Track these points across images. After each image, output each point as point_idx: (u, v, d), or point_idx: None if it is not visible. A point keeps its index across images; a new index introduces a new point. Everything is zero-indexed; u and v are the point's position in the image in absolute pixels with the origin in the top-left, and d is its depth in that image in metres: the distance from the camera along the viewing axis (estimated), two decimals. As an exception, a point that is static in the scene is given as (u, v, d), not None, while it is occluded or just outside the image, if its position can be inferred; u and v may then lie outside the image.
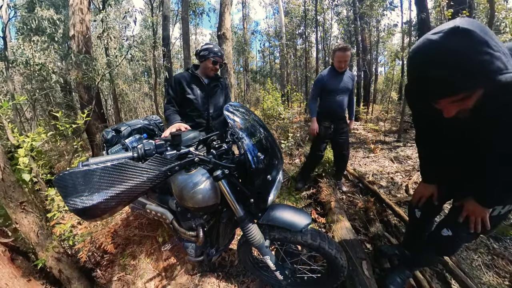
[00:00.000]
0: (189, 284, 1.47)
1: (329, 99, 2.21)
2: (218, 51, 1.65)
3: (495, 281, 1.39)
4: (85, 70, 3.68)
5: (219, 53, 1.65)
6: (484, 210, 0.90)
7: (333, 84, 2.17)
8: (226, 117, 1.01)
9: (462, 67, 0.55)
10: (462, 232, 1.01)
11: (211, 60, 1.62)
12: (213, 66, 1.65)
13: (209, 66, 1.65)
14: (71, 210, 0.61)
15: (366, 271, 1.29)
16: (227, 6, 3.50)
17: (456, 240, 1.05)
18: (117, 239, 1.79)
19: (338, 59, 2.07)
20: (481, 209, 0.91)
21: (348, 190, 2.55)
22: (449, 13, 3.82)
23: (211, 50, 1.62)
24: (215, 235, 1.26)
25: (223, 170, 0.95)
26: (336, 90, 2.18)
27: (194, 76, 1.69)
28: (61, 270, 1.11)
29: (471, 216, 0.93)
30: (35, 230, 1.00)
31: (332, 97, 2.19)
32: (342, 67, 2.11)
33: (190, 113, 1.71)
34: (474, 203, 0.92)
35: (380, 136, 4.90)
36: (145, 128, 1.61)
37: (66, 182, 0.60)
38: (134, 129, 1.53)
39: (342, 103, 2.22)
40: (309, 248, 1.09)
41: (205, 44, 1.67)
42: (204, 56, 1.63)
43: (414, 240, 1.37)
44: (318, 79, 2.25)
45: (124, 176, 0.67)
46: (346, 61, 2.07)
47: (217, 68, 1.70)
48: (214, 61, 1.63)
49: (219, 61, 1.66)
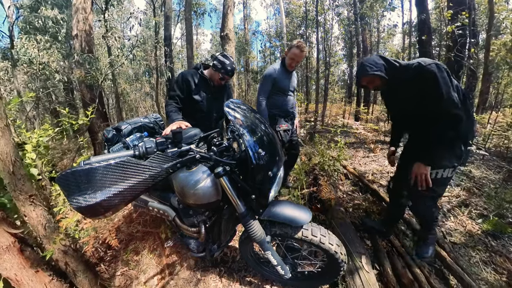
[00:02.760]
0: (192, 279, 1.49)
1: (281, 98, 2.03)
2: (231, 70, 1.62)
3: (493, 277, 1.41)
4: (88, 69, 3.72)
5: (230, 72, 1.62)
6: (425, 168, 1.23)
7: (284, 82, 2.00)
8: (227, 113, 1.01)
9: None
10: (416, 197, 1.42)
11: (219, 75, 1.62)
12: (219, 80, 1.65)
13: (216, 78, 1.65)
14: (74, 209, 0.61)
15: (366, 266, 1.31)
16: (230, 8, 3.53)
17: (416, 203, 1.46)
18: (121, 235, 1.81)
19: (292, 56, 1.90)
20: (423, 167, 1.23)
21: (348, 188, 2.57)
22: (449, 14, 3.85)
23: (224, 66, 1.59)
24: (217, 231, 1.27)
25: (224, 167, 0.96)
26: (287, 89, 2.03)
27: (202, 77, 1.68)
28: (67, 262, 1.13)
29: (417, 176, 1.25)
30: (43, 223, 1.02)
31: (284, 96, 2.04)
32: (293, 66, 1.98)
33: (193, 113, 1.70)
34: (418, 163, 1.25)
35: (380, 136, 4.92)
36: (145, 126, 1.59)
37: (69, 181, 0.60)
38: (134, 128, 1.52)
39: (293, 102, 2.11)
40: (310, 244, 1.11)
41: (223, 56, 1.61)
42: (216, 67, 1.60)
43: (393, 205, 1.73)
44: (269, 72, 1.97)
45: (126, 174, 0.67)
46: (298, 61, 1.95)
47: (222, 83, 1.70)
48: (221, 78, 1.63)
49: (226, 79, 1.66)
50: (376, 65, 1.28)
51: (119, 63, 4.34)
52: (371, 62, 1.29)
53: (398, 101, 1.44)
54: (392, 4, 9.82)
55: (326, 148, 3.34)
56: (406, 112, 1.40)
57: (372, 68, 1.27)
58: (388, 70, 1.28)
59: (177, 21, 12.08)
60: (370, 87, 1.42)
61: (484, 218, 1.89)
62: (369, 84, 1.39)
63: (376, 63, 1.28)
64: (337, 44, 11.25)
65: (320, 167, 2.78)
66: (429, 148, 1.22)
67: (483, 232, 1.77)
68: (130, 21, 7.07)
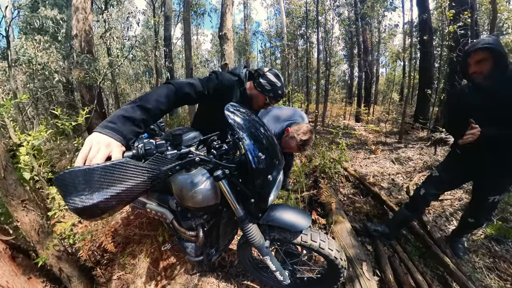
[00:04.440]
0: (189, 284, 1.47)
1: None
2: (281, 94, 1.31)
3: (497, 284, 1.38)
4: (87, 69, 3.70)
5: (279, 97, 1.31)
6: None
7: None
8: (227, 116, 1.00)
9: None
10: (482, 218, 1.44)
11: (265, 98, 1.29)
12: (263, 104, 1.33)
13: (259, 100, 1.31)
14: (71, 209, 0.60)
15: (366, 273, 1.28)
16: (228, 7, 3.51)
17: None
18: (117, 238, 1.79)
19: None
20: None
21: (348, 191, 2.54)
22: (451, 14, 3.81)
23: (275, 89, 1.26)
24: (215, 235, 1.26)
25: (224, 170, 0.95)
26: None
27: (245, 95, 1.29)
28: (61, 268, 1.11)
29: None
30: (36, 228, 1.00)
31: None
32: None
33: (204, 127, 1.29)
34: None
35: (381, 137, 4.89)
36: None
37: (66, 181, 0.59)
38: None
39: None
40: (309, 249, 1.09)
41: (275, 76, 1.26)
42: (263, 88, 1.25)
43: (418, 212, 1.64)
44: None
45: (124, 175, 0.66)
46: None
47: (265, 108, 1.41)
48: (267, 103, 1.32)
49: (272, 104, 1.36)
50: (501, 46, 1.11)
51: (118, 63, 4.32)
52: (497, 42, 1.11)
53: (491, 104, 1.19)
54: (393, 4, 9.80)
55: (327, 150, 3.31)
56: (498, 117, 1.17)
57: (498, 45, 1.10)
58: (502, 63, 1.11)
59: (177, 21, 12.08)
60: (475, 68, 1.18)
61: (488, 222, 1.86)
62: (478, 64, 1.17)
63: (501, 45, 1.12)
64: (338, 44, 11.23)
65: (320, 169, 2.75)
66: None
67: (486, 236, 1.74)
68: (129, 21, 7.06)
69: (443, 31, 4.67)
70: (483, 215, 1.43)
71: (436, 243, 1.61)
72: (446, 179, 1.47)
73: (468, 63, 1.22)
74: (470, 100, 1.28)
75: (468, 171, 1.39)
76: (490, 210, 1.41)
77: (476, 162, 1.33)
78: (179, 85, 1.01)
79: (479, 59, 1.15)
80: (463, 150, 1.38)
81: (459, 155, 1.41)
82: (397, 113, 7.44)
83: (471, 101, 1.28)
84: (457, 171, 1.44)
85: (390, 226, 1.70)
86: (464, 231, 1.60)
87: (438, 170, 1.52)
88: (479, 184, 1.42)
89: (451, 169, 1.47)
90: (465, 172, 1.41)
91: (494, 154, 1.23)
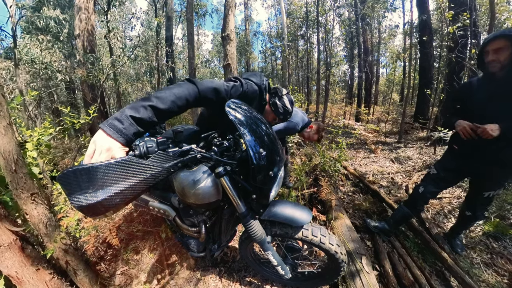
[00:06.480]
0: (191, 279, 1.49)
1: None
2: (287, 119, 1.40)
3: (494, 279, 1.40)
4: (90, 69, 3.73)
5: (285, 121, 1.41)
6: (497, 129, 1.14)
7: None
8: (228, 113, 1.01)
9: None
10: (479, 211, 1.48)
11: (275, 118, 1.38)
12: (270, 120, 1.40)
13: (268, 117, 1.38)
14: (75, 208, 0.61)
15: (366, 267, 1.31)
16: (231, 8, 3.54)
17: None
18: (121, 234, 1.82)
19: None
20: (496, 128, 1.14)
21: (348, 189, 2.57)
22: (450, 15, 3.84)
23: (285, 114, 1.35)
24: (217, 231, 1.27)
25: (225, 167, 0.96)
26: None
27: (262, 110, 1.36)
28: (68, 261, 1.13)
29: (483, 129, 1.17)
30: (44, 221, 1.03)
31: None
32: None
33: (209, 129, 1.23)
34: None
35: (381, 137, 4.91)
36: None
37: (70, 180, 0.60)
38: None
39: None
40: (310, 244, 1.11)
41: (290, 103, 1.35)
42: (277, 108, 1.32)
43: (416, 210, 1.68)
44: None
45: (127, 173, 0.67)
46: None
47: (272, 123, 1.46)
48: (274, 121, 1.41)
49: (277, 123, 1.45)
50: None
51: (120, 63, 4.36)
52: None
53: (497, 98, 1.20)
54: (393, 5, 9.83)
55: (327, 149, 3.33)
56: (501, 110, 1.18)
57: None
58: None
59: (179, 21, 12.13)
60: (493, 57, 1.18)
61: (485, 220, 1.88)
62: (496, 52, 1.17)
63: None
64: (338, 44, 11.27)
65: (320, 167, 2.78)
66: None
67: (484, 233, 1.77)
68: (132, 21, 7.10)
69: (443, 31, 4.70)
70: (479, 208, 1.47)
71: (434, 239, 1.64)
72: (443, 176, 1.50)
73: (486, 52, 1.21)
74: (480, 91, 1.28)
75: (465, 167, 1.42)
76: (486, 203, 1.46)
77: (472, 159, 1.36)
78: (203, 89, 0.93)
79: (498, 47, 1.15)
80: (461, 147, 1.41)
81: (456, 151, 1.44)
82: (397, 113, 7.47)
83: (482, 92, 1.27)
84: (455, 168, 1.47)
85: (389, 223, 1.72)
86: (463, 226, 1.63)
87: (436, 167, 1.55)
88: (475, 180, 1.46)
89: (449, 166, 1.49)
90: (462, 168, 1.44)
91: (491, 150, 1.26)
